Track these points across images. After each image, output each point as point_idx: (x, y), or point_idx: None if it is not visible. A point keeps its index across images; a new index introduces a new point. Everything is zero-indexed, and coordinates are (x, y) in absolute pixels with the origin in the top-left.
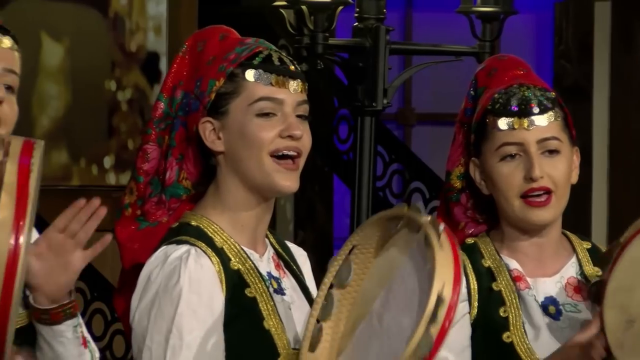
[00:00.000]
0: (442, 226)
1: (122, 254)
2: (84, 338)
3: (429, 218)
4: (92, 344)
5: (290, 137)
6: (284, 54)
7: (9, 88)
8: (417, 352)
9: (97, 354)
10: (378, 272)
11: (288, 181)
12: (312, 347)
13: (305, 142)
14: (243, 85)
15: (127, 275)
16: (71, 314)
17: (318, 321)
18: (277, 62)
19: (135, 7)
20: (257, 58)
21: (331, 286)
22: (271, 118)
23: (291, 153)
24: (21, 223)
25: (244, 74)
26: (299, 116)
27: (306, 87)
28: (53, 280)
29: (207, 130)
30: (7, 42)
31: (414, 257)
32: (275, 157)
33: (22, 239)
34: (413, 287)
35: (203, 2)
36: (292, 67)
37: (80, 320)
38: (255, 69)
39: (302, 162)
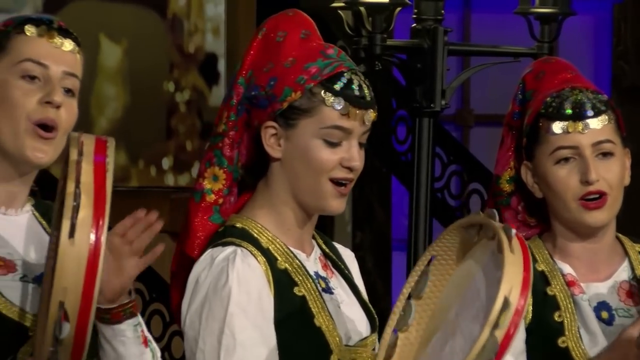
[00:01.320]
0: (513, 231)
1: (189, 236)
2: (145, 337)
3: (502, 224)
4: (154, 344)
5: (350, 168)
6: (362, 76)
7: (68, 91)
8: (482, 356)
9: (158, 353)
10: (456, 282)
11: (339, 205)
12: (390, 357)
13: (360, 170)
14: (319, 108)
15: (186, 260)
16: (131, 313)
17: (395, 331)
18: (356, 91)
19: (193, 9)
20: (338, 82)
21: (409, 296)
22: (336, 147)
23: (346, 182)
24: (100, 222)
25: (323, 96)
26: (359, 144)
27: (376, 115)
28: (109, 283)
29: (269, 133)
30: (68, 45)
31: (488, 264)
32: (332, 182)
33: (102, 238)
34: (484, 295)
35: (261, 3)
36: (369, 96)
37: (140, 319)
38: (335, 95)
39: (351, 187)
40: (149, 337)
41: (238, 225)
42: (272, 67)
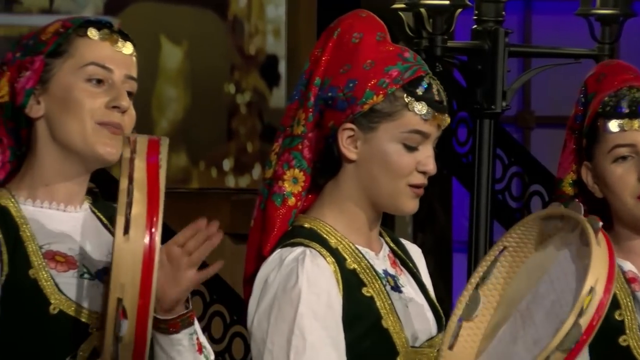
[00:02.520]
0: (600, 224)
1: (270, 241)
2: (199, 344)
3: (587, 216)
4: (208, 348)
5: (424, 173)
6: (437, 80)
7: (129, 94)
8: (564, 343)
9: (212, 357)
10: (528, 274)
11: (415, 205)
12: (452, 346)
13: (434, 170)
14: (402, 112)
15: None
16: (188, 323)
17: (460, 320)
18: (436, 96)
19: (254, 10)
20: (420, 87)
21: (477, 286)
22: (412, 150)
23: (421, 185)
24: (155, 219)
25: (406, 100)
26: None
27: (449, 119)
28: (166, 291)
29: (346, 135)
30: (128, 48)
31: (566, 257)
32: (409, 186)
33: (156, 235)
34: (562, 288)
35: (322, 4)
36: (445, 101)
37: (195, 326)
38: (418, 100)
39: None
40: (204, 342)
41: (306, 225)
42: (350, 69)
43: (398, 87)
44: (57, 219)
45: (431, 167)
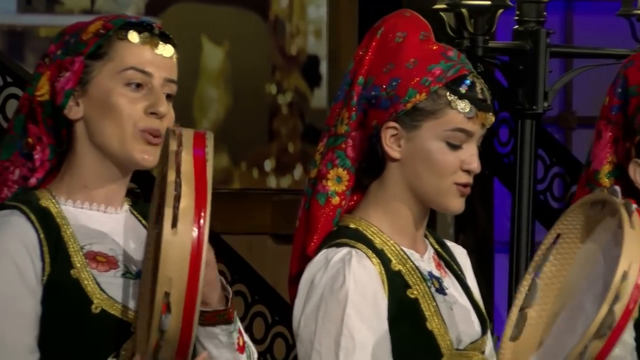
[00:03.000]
0: (634, 207)
1: (315, 240)
2: (242, 344)
3: (623, 199)
4: (251, 347)
5: (468, 171)
6: (481, 79)
7: (168, 97)
8: (600, 330)
9: (255, 356)
10: (581, 261)
11: (461, 205)
12: (514, 337)
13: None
14: (445, 110)
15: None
16: (226, 320)
17: (521, 310)
18: (479, 94)
19: (295, 11)
20: (463, 85)
21: (535, 275)
22: (457, 148)
23: (468, 182)
24: (202, 213)
25: (449, 98)
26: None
27: (494, 118)
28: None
29: (390, 134)
30: (168, 51)
31: (609, 242)
32: (457, 184)
33: (205, 228)
34: (604, 274)
35: (363, 5)
36: (489, 99)
37: (237, 326)
38: (461, 98)
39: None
40: (248, 341)
41: (352, 225)
42: (393, 68)
43: (441, 85)
44: (98, 219)
45: (475, 165)
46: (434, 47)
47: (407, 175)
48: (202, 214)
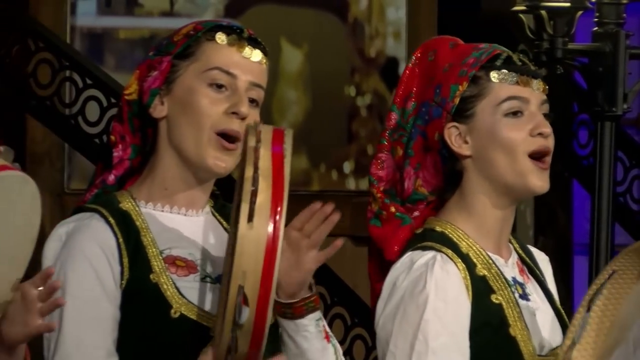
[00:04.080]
0: None
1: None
2: (327, 332)
3: None
4: (335, 340)
5: (541, 134)
6: (522, 56)
7: (253, 101)
8: None
9: (340, 349)
10: (636, 300)
11: (541, 181)
12: None
13: (552, 140)
14: (488, 86)
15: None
16: (313, 307)
17: (573, 344)
18: (518, 62)
19: (374, 13)
20: (498, 59)
21: (588, 309)
22: (519, 117)
23: (544, 151)
24: (279, 208)
25: (487, 75)
26: (544, 115)
27: (546, 87)
28: (288, 275)
29: (453, 135)
30: (257, 55)
31: None
32: (530, 157)
33: (280, 224)
34: None
35: (443, 7)
36: (532, 66)
37: (321, 314)
38: (498, 69)
39: (550, 160)
40: (330, 332)
41: (437, 228)
42: (433, 79)
43: (477, 69)
44: (178, 223)
45: (545, 127)
46: (464, 48)
47: (483, 169)
48: (279, 209)
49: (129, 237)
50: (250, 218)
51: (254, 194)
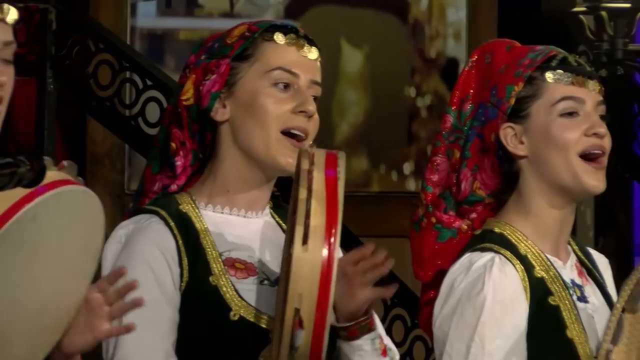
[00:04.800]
0: None
1: (423, 267)
2: (384, 347)
3: None
4: (393, 350)
5: (596, 134)
6: (577, 57)
7: (314, 99)
8: None
9: (397, 357)
10: None
11: (596, 181)
12: None
13: (608, 141)
14: (543, 87)
15: (431, 287)
16: (367, 329)
17: (610, 347)
18: (573, 63)
19: (434, 14)
20: (553, 60)
21: (623, 310)
22: (574, 118)
23: (597, 152)
24: (333, 230)
25: (543, 76)
26: (600, 116)
27: (602, 88)
28: (343, 303)
29: (509, 136)
30: (313, 53)
31: None
32: (582, 157)
33: (335, 246)
34: None
35: (503, 8)
36: (588, 67)
37: (379, 331)
38: (554, 70)
39: (605, 161)
40: (388, 344)
41: (496, 230)
42: (489, 82)
43: (533, 70)
44: (237, 225)
45: (600, 127)
46: (520, 49)
47: (538, 169)
48: (333, 232)
49: (188, 240)
50: (304, 241)
51: (307, 216)
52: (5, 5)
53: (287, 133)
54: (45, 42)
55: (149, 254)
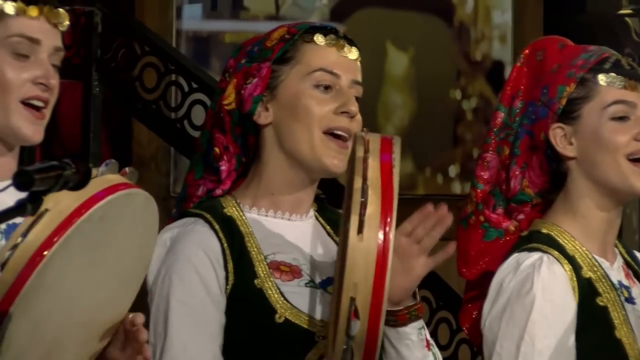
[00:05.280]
0: None
1: (467, 265)
2: (427, 340)
3: None
4: (435, 348)
5: None
6: (630, 60)
7: (356, 99)
8: None
9: (439, 355)
10: None
11: None
12: None
13: None
14: (595, 89)
15: (475, 286)
16: (416, 316)
17: None
18: (626, 66)
19: (480, 16)
20: (607, 62)
21: None
22: (625, 122)
23: None
24: (388, 219)
25: (595, 78)
26: None
27: None
28: (396, 283)
29: (558, 136)
30: (354, 53)
31: None
32: (630, 160)
33: (390, 234)
34: None
35: (548, 10)
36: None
37: (423, 323)
38: (606, 72)
39: None
40: (431, 340)
41: (543, 230)
42: (541, 80)
43: (585, 71)
44: (282, 227)
45: None
46: (573, 49)
47: (587, 170)
48: (388, 220)
49: (233, 243)
50: (360, 229)
51: (363, 205)
52: (62, 12)
53: (330, 134)
54: (91, 45)
55: (195, 256)
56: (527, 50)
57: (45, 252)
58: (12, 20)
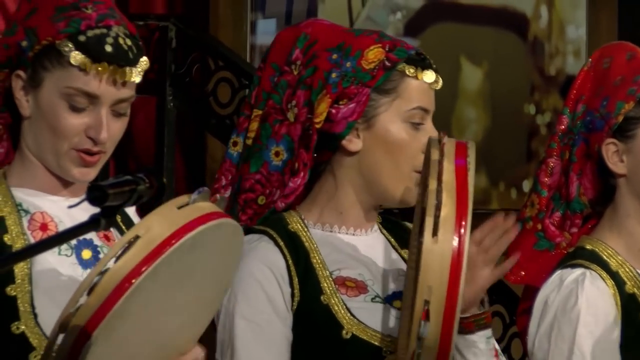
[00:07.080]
0: None
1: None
2: (496, 350)
3: None
4: (503, 357)
5: None
6: None
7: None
8: None
9: None
10: None
11: None
12: None
13: None
14: None
15: (527, 298)
16: (484, 325)
17: None
18: None
19: (554, 31)
20: None
21: None
22: None
23: None
24: (463, 222)
25: None
26: None
27: None
28: None
29: (611, 151)
30: (439, 83)
31: None
32: None
33: (465, 237)
34: None
35: (623, 24)
36: None
37: (491, 332)
38: None
39: None
40: (500, 351)
41: (588, 247)
42: (602, 90)
43: None
44: (347, 243)
45: None
46: (639, 63)
47: (635, 190)
48: (463, 223)
49: (298, 259)
50: (434, 232)
51: (437, 207)
52: (128, 70)
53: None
54: (165, 59)
55: (260, 273)
56: (595, 55)
57: (133, 280)
58: (74, 71)
